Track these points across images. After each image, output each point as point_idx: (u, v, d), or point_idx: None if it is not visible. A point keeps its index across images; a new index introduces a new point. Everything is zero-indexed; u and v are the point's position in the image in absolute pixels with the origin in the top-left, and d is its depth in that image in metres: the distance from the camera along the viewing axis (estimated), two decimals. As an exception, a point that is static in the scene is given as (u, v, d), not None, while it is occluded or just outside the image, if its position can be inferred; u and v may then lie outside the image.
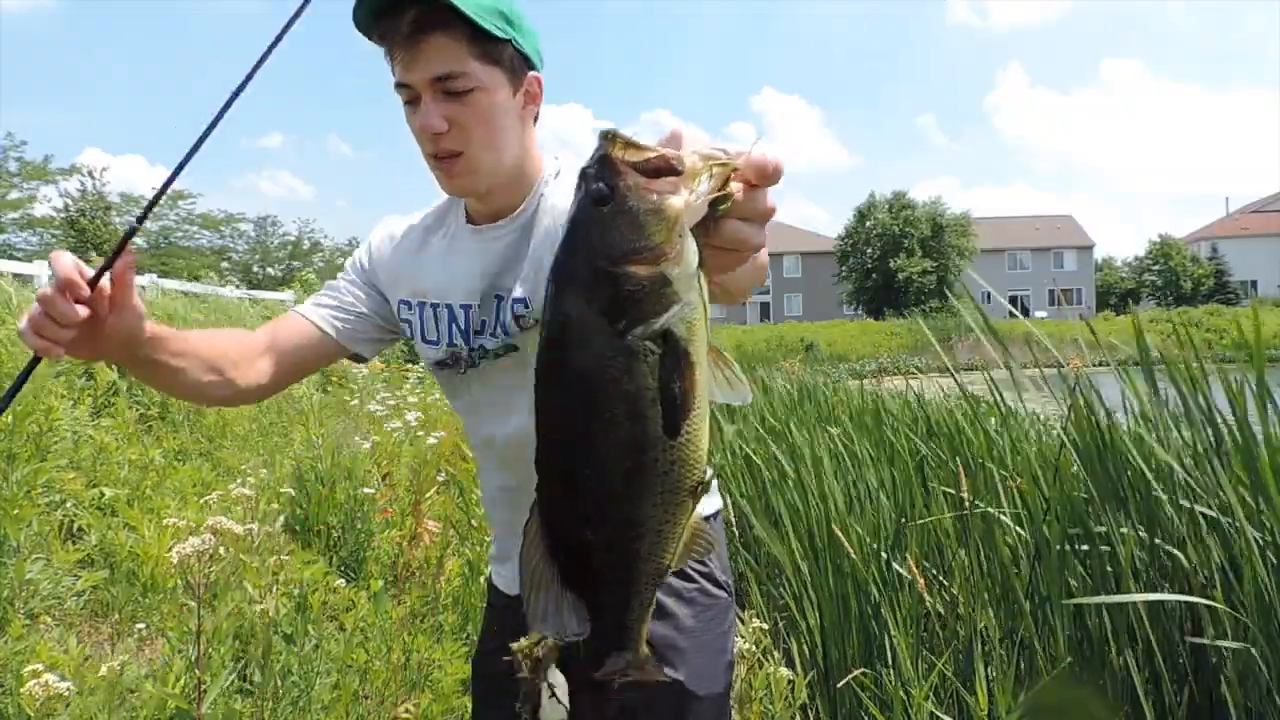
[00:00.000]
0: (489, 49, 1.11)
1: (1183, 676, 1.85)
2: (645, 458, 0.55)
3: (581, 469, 0.57)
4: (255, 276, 42.36)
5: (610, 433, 0.54)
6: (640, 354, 0.53)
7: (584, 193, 0.56)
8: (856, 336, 36.22)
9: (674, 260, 0.53)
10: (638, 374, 0.53)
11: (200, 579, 1.91)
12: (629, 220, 0.53)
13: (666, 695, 1.23)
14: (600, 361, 0.53)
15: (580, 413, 0.56)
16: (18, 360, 4.53)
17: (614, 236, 0.53)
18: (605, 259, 0.53)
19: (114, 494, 3.89)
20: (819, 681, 2.42)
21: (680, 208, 0.54)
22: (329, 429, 5.72)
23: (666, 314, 0.54)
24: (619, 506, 0.57)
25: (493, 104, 1.13)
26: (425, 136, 1.13)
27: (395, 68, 1.12)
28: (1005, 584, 2.18)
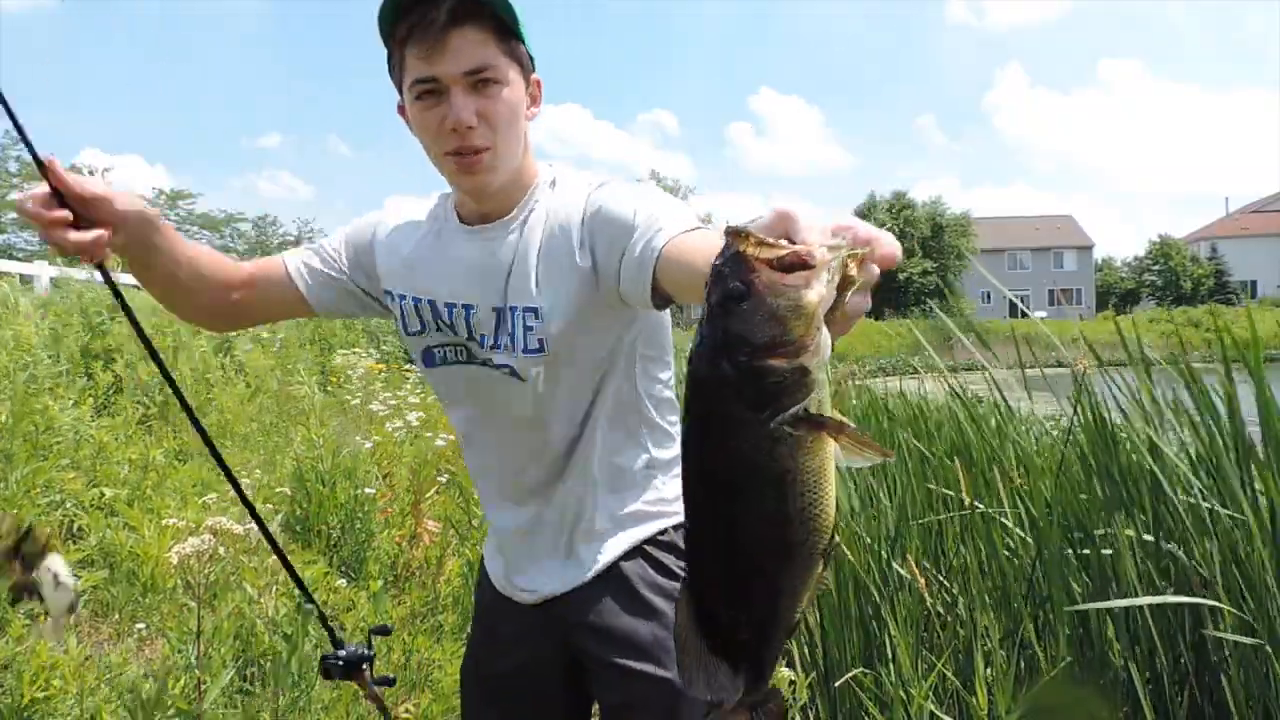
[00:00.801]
0: (512, 45, 1.12)
1: (1183, 676, 1.85)
2: (789, 533, 0.59)
3: (732, 548, 0.61)
4: (255, 276, 42.24)
5: (759, 514, 0.59)
6: (783, 439, 0.56)
7: (721, 291, 0.57)
8: (857, 336, 36.20)
9: (813, 352, 0.56)
10: (781, 457, 0.57)
11: (200, 579, 1.91)
12: (769, 316, 0.55)
13: (658, 693, 1.24)
14: (748, 450, 0.57)
15: (730, 497, 0.59)
16: (17, 360, 4.53)
17: (756, 332, 0.55)
18: (748, 355, 0.55)
19: (114, 494, 3.89)
20: (819, 681, 2.42)
21: (817, 302, 0.56)
22: (329, 429, 5.72)
23: (806, 400, 0.57)
24: (766, 581, 0.62)
25: (515, 100, 1.14)
26: (447, 132, 1.11)
27: (414, 61, 1.10)
28: (1005, 584, 2.18)
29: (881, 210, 49.83)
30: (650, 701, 1.25)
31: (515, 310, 1.20)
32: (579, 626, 1.29)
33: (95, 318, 5.94)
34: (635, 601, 1.28)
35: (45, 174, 1.04)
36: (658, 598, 1.28)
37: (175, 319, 6.90)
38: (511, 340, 1.21)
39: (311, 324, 10.12)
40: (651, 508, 1.31)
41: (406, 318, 1.29)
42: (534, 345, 1.19)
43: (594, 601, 1.29)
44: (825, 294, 0.56)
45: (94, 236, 1.07)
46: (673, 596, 1.28)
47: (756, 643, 0.66)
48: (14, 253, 28.42)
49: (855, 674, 2.21)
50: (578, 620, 1.29)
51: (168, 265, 1.22)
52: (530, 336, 1.19)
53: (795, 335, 0.55)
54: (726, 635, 0.66)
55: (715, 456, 0.59)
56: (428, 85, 1.10)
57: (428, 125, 1.12)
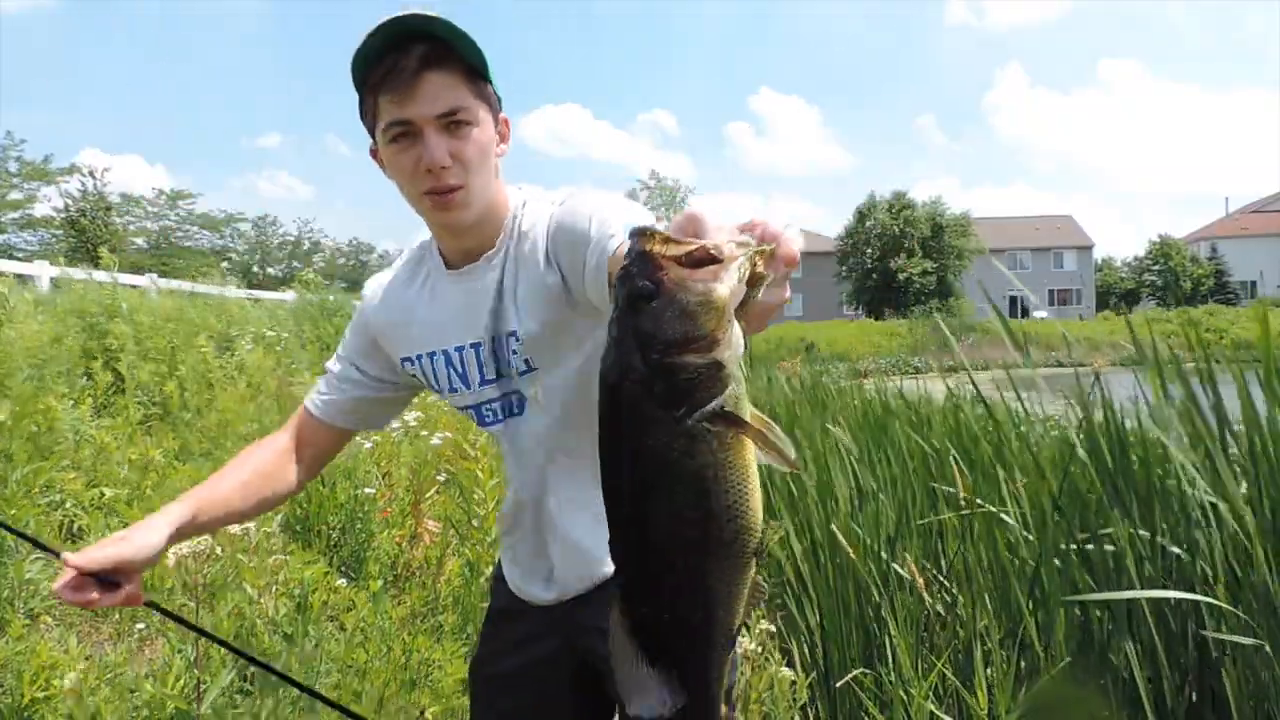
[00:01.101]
0: (481, 87, 1.17)
1: (1184, 676, 1.85)
2: (715, 531, 0.58)
3: (655, 550, 0.59)
4: (255, 277, 42.37)
5: (680, 513, 0.57)
6: (700, 436, 0.55)
7: (629, 290, 0.56)
8: (856, 336, 36.22)
9: (725, 344, 0.56)
10: (701, 454, 0.55)
11: (198, 579, 1.91)
12: (679, 313, 0.54)
13: None
14: (664, 448, 0.55)
15: (650, 498, 0.58)
16: (17, 360, 4.53)
17: (666, 329, 0.54)
18: (659, 352, 0.54)
19: (114, 494, 3.89)
20: (819, 682, 2.42)
21: (726, 295, 0.55)
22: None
23: (722, 396, 0.56)
24: (693, 581, 0.60)
25: (486, 139, 1.18)
26: (422, 172, 1.15)
27: (387, 106, 1.14)
28: (1005, 584, 2.18)
29: (881, 210, 49.81)
30: None
31: (500, 339, 1.25)
32: (588, 629, 1.32)
33: (94, 317, 5.93)
34: None
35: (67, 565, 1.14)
36: None
37: (178, 320, 6.80)
38: (510, 366, 1.26)
39: (312, 324, 10.13)
40: None
41: (436, 378, 1.33)
42: (522, 367, 1.24)
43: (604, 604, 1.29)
44: (735, 288, 0.56)
45: (124, 595, 1.16)
46: None
47: (693, 651, 0.64)
48: (14, 253, 28.45)
49: (855, 674, 2.21)
50: (588, 623, 1.32)
51: (224, 517, 1.33)
52: (517, 359, 1.24)
53: (707, 330, 0.55)
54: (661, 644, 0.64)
55: (633, 458, 0.58)
56: (402, 128, 1.14)
57: (403, 167, 1.16)
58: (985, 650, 2.03)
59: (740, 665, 2.11)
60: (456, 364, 1.29)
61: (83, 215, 27.51)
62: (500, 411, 1.30)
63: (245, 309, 9.14)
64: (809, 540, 2.58)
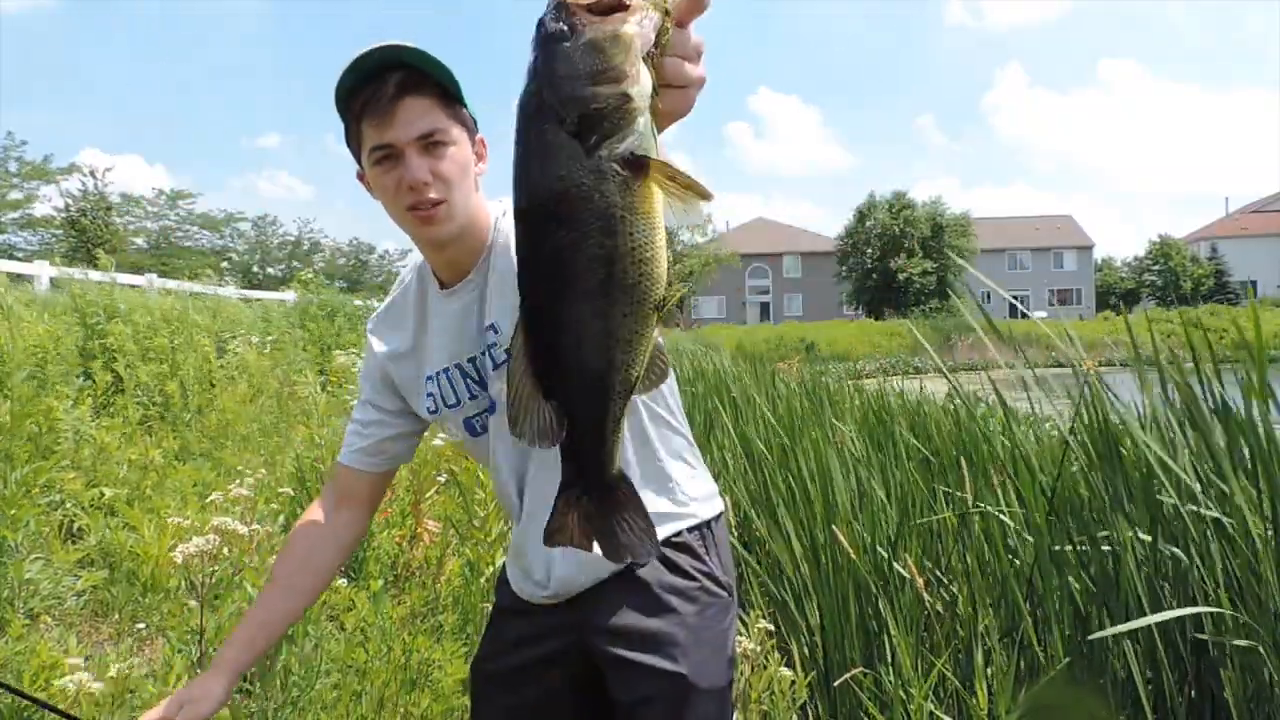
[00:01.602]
0: (455, 109, 1.24)
1: (1184, 677, 1.85)
2: (616, 270, 0.59)
3: (560, 282, 0.61)
4: (255, 276, 42.36)
5: (585, 247, 0.59)
6: (608, 174, 0.57)
7: (544, 33, 0.59)
8: (856, 336, 36.21)
9: (634, 80, 0.58)
10: (607, 191, 0.57)
11: (203, 579, 1.91)
12: (591, 48, 0.57)
13: (670, 688, 1.30)
14: (573, 179, 0.57)
15: (557, 230, 0.59)
16: (17, 359, 4.53)
17: (579, 63, 0.57)
18: (571, 83, 0.57)
19: (114, 494, 3.89)
20: (819, 681, 2.42)
21: (635, 32, 0.59)
22: (330, 429, 5.71)
23: (630, 133, 0.58)
24: (595, 315, 0.61)
25: (463, 158, 1.25)
26: (405, 191, 1.21)
27: (370, 131, 1.21)
28: (1005, 584, 2.18)
29: (881, 210, 49.81)
30: (665, 695, 1.31)
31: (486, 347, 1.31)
32: (593, 627, 1.34)
33: (93, 318, 5.93)
34: (649, 600, 1.33)
35: None
36: (672, 596, 1.34)
37: (177, 320, 6.82)
38: (486, 369, 1.31)
39: (312, 324, 10.14)
40: (666, 509, 1.36)
41: (444, 394, 1.37)
42: (500, 358, 1.28)
43: (608, 601, 1.34)
44: (642, 31, 0.59)
45: None
46: (684, 594, 1.35)
47: (587, 388, 0.65)
48: (14, 253, 28.44)
49: (855, 674, 2.21)
50: (592, 620, 1.34)
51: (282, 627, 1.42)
52: (495, 351, 1.28)
53: (615, 62, 0.57)
54: (559, 376, 0.65)
55: (541, 187, 0.60)
56: (384, 151, 1.21)
57: (387, 187, 1.23)
58: (985, 650, 2.03)
59: (739, 664, 2.11)
60: (472, 373, 1.34)
61: (83, 215, 27.49)
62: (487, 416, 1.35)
63: (243, 309, 9.15)
64: (809, 540, 2.58)
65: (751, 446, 3.69)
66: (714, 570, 1.39)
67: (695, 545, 1.38)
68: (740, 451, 3.85)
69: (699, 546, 1.39)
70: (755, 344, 26.67)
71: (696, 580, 1.36)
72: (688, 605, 1.34)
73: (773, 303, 59.63)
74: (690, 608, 1.34)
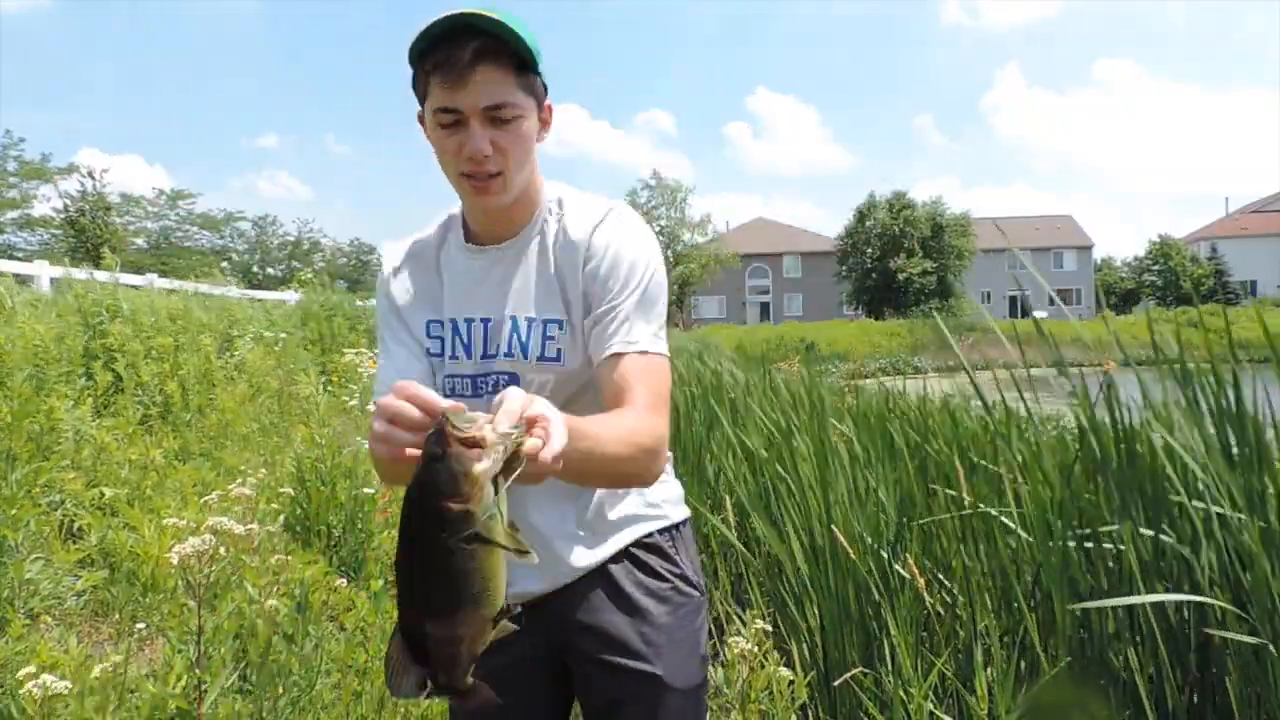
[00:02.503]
0: (529, 80, 1.22)
1: (1185, 677, 1.85)
2: (466, 604, 0.89)
3: (431, 606, 0.90)
4: (255, 276, 42.37)
5: (447, 585, 0.88)
6: (457, 550, 0.85)
7: (427, 451, 0.85)
8: (856, 336, 36.21)
9: (476, 501, 0.84)
10: (460, 556, 0.86)
11: (201, 579, 1.91)
12: (450, 476, 0.83)
13: (645, 688, 1.33)
14: (440, 554, 0.86)
15: (429, 578, 0.88)
16: (17, 360, 4.53)
17: (440, 483, 0.84)
18: (436, 497, 0.84)
19: (114, 494, 3.89)
20: (818, 681, 2.42)
21: (480, 470, 0.83)
22: (330, 429, 5.71)
23: (473, 525, 0.85)
24: (454, 630, 0.90)
25: (527, 131, 1.23)
26: (465, 158, 1.20)
27: (438, 90, 1.18)
28: (1005, 584, 2.18)
29: (881, 210, 49.80)
30: (640, 696, 1.33)
31: (534, 322, 1.29)
32: (567, 624, 1.35)
33: (95, 318, 5.93)
34: (621, 600, 1.35)
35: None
36: (644, 597, 1.36)
37: (180, 320, 6.82)
38: (525, 350, 1.29)
39: (312, 325, 10.14)
40: (637, 512, 1.38)
41: (435, 342, 1.37)
42: (552, 354, 1.29)
43: (581, 601, 1.35)
44: (490, 466, 0.84)
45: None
46: (656, 595, 1.37)
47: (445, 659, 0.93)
48: (14, 253, 28.45)
49: (855, 674, 2.21)
50: (566, 619, 1.35)
51: None
52: (550, 345, 1.28)
53: (464, 490, 0.83)
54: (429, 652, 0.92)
55: (418, 555, 0.88)
56: (452, 116, 1.19)
57: (447, 148, 1.22)
58: (985, 650, 2.03)
59: (738, 665, 2.12)
60: (463, 333, 1.33)
61: (82, 215, 27.49)
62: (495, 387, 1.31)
63: (246, 309, 9.15)
64: (809, 540, 2.58)
65: (751, 447, 3.69)
66: (685, 570, 1.40)
67: (666, 546, 1.40)
68: (740, 452, 3.85)
69: (669, 547, 1.40)
70: (755, 344, 26.65)
71: (668, 581, 1.38)
72: (660, 606, 1.36)
73: (773, 303, 59.63)
74: (662, 608, 1.36)
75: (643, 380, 1.22)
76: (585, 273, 1.28)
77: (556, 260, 1.29)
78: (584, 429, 1.04)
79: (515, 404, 0.90)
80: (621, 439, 1.13)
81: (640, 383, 1.22)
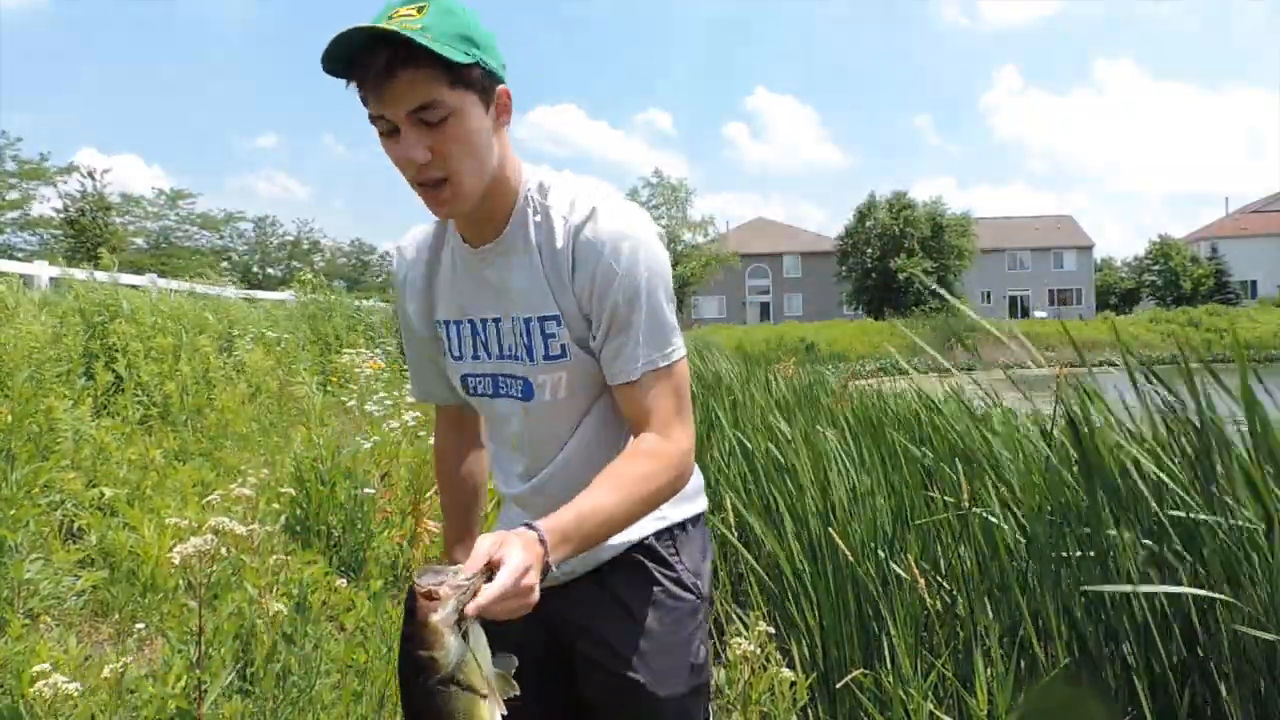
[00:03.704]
0: (459, 75, 1.12)
1: (1184, 677, 1.85)
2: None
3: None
4: (255, 277, 42.35)
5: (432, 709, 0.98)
6: (435, 693, 0.96)
7: (406, 607, 0.97)
8: (856, 336, 36.20)
9: (440, 648, 0.95)
10: (440, 697, 0.96)
11: (201, 579, 1.91)
12: (418, 628, 0.95)
13: (628, 695, 1.31)
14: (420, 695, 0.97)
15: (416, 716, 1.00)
16: (17, 360, 4.53)
17: (411, 634, 0.96)
18: (409, 645, 0.97)
19: (114, 494, 3.89)
20: (819, 682, 2.42)
21: (438, 619, 0.94)
22: (329, 429, 5.71)
23: (441, 673, 0.95)
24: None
25: (468, 127, 1.15)
26: (408, 166, 1.15)
27: (369, 101, 1.14)
28: (1005, 584, 2.18)
29: (881, 210, 49.78)
30: (621, 702, 1.32)
31: (531, 321, 1.26)
32: (565, 623, 1.35)
33: (95, 317, 5.93)
34: (613, 604, 1.34)
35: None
36: (633, 603, 1.34)
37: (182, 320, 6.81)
38: (530, 352, 1.27)
39: (313, 325, 10.13)
40: None
41: (451, 342, 1.37)
42: (556, 351, 1.25)
43: (577, 602, 1.34)
44: (445, 615, 0.94)
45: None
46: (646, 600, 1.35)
47: None
48: (13, 253, 28.43)
49: (855, 674, 2.21)
50: (564, 617, 1.34)
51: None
52: (552, 343, 1.25)
53: (429, 639, 0.94)
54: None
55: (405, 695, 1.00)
56: (385, 123, 1.14)
57: (393, 159, 1.17)
58: (985, 650, 2.03)
59: (739, 666, 2.12)
60: (481, 333, 1.32)
61: (82, 215, 27.48)
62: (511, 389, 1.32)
63: (247, 309, 9.15)
64: (808, 541, 2.58)
65: (750, 447, 3.69)
66: (680, 574, 1.37)
67: (662, 549, 1.37)
68: (739, 453, 3.85)
69: (667, 550, 1.37)
70: (755, 344, 26.68)
71: (660, 584, 1.35)
72: (650, 612, 1.34)
73: (773, 303, 59.62)
74: (652, 614, 1.34)
75: (660, 396, 1.22)
76: (575, 280, 1.22)
77: (543, 258, 1.24)
78: (593, 509, 1.11)
79: (479, 551, 0.99)
80: (635, 496, 1.17)
81: (657, 401, 1.22)
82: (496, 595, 0.97)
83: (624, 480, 1.16)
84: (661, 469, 1.20)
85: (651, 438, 1.21)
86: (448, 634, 0.95)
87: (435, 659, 0.95)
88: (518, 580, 0.98)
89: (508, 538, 1.00)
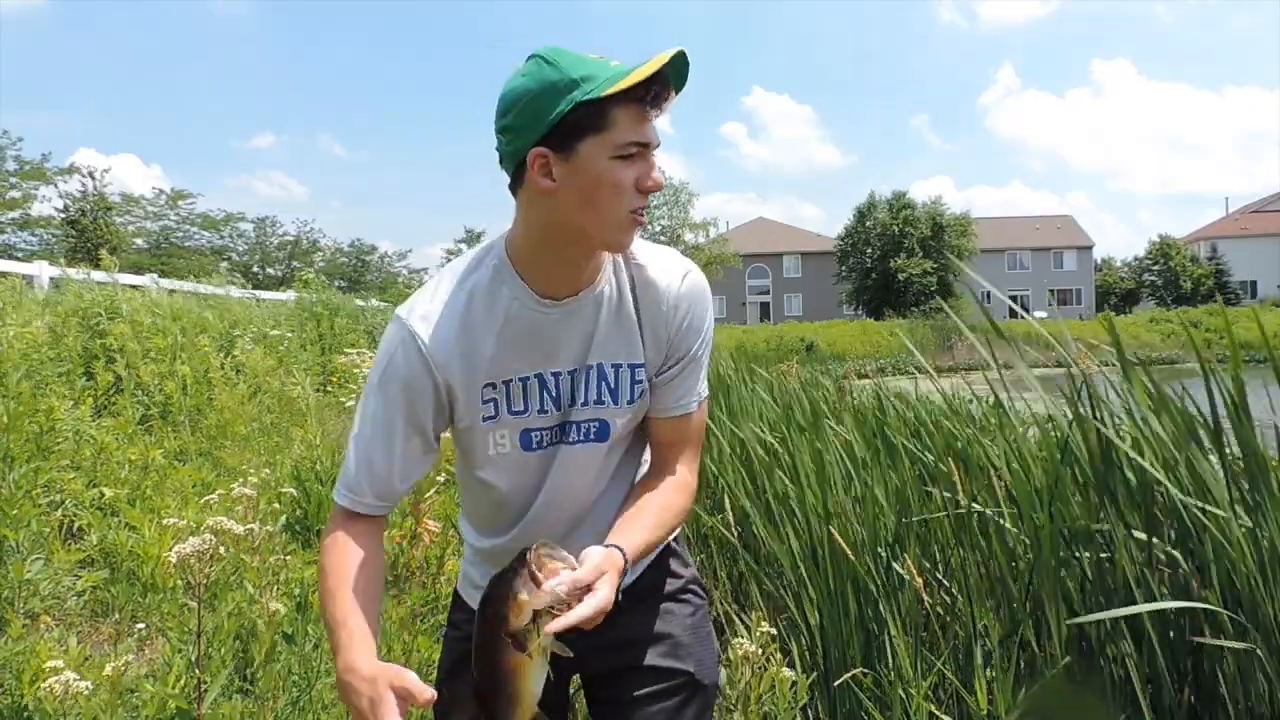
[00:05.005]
0: None
1: (1182, 677, 1.85)
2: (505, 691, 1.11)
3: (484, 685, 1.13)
4: (255, 277, 42.36)
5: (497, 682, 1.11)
6: (507, 642, 1.07)
7: (512, 562, 1.09)
8: (856, 336, 36.23)
9: (517, 616, 1.06)
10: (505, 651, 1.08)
11: (200, 579, 1.91)
12: (510, 589, 1.07)
13: (679, 685, 1.40)
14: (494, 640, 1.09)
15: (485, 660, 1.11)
16: (16, 360, 4.53)
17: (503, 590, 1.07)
18: (497, 601, 1.08)
19: (114, 494, 3.89)
20: (819, 681, 2.42)
21: (526, 600, 1.06)
22: (328, 429, 5.72)
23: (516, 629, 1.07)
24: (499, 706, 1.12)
25: None
26: (637, 194, 1.17)
27: (628, 124, 1.14)
28: (1005, 584, 2.18)
29: (881, 210, 49.80)
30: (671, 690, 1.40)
31: (620, 367, 1.31)
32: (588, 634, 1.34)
33: (94, 318, 5.93)
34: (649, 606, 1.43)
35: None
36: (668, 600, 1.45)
37: (181, 320, 6.79)
38: (614, 395, 1.31)
39: (312, 324, 10.13)
40: None
41: (512, 400, 1.28)
42: (639, 394, 1.33)
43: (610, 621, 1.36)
44: (532, 601, 1.05)
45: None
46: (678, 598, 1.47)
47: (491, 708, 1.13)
48: (14, 253, 28.44)
49: (855, 674, 2.22)
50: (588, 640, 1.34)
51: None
52: (637, 389, 1.32)
53: (508, 607, 1.06)
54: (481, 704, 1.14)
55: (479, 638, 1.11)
56: (637, 149, 1.16)
57: (620, 182, 1.15)
58: (985, 650, 2.03)
59: (740, 666, 2.12)
60: (550, 387, 1.29)
61: (83, 215, 27.51)
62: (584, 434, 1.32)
63: (251, 307, 9.15)
64: (807, 540, 2.58)
65: (749, 447, 3.69)
66: (695, 573, 1.50)
67: (679, 549, 1.49)
68: (739, 453, 3.85)
69: (682, 550, 1.50)
70: (755, 344, 26.68)
71: (682, 578, 1.47)
72: (683, 608, 1.45)
73: (773, 303, 59.64)
74: (685, 609, 1.45)
75: (695, 431, 1.38)
76: (674, 323, 1.31)
77: (639, 307, 1.30)
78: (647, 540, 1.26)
79: (586, 571, 1.09)
80: (667, 524, 1.32)
81: (690, 436, 1.37)
82: (575, 621, 1.06)
83: (667, 514, 1.31)
84: (688, 502, 1.36)
85: (684, 470, 1.36)
86: (527, 615, 1.06)
87: (506, 620, 1.07)
88: (600, 612, 1.08)
89: (608, 569, 1.12)
